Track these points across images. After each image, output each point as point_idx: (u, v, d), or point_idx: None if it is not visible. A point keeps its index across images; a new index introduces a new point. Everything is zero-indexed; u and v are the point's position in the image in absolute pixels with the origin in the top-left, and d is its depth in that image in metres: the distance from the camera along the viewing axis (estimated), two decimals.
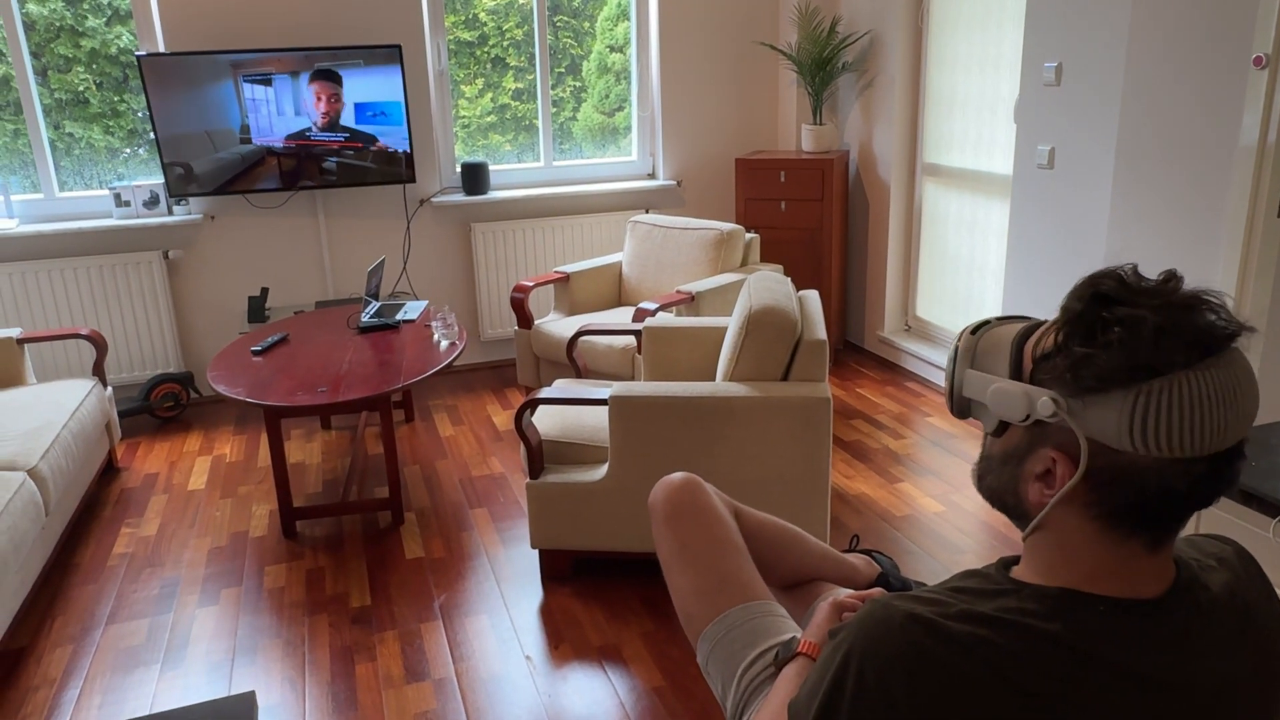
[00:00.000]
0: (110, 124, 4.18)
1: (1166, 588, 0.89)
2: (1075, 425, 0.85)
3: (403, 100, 4.34)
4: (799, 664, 1.15)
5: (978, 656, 0.83)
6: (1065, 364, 0.85)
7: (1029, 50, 3.52)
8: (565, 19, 4.83)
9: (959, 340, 0.99)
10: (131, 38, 4.20)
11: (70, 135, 4.22)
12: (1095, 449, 0.85)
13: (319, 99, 4.23)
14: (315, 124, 4.27)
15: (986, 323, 0.99)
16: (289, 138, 4.28)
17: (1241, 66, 2.71)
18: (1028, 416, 0.88)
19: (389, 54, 4.27)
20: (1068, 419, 0.85)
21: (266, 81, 4.16)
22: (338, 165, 4.37)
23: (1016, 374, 0.91)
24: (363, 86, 4.29)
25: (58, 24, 4.00)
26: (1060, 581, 0.89)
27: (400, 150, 4.40)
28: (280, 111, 4.22)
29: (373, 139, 4.36)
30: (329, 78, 4.21)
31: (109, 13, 4.11)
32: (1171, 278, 0.85)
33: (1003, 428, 0.93)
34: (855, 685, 0.86)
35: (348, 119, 4.31)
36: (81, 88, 4.08)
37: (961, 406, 0.98)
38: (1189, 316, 0.82)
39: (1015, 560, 0.97)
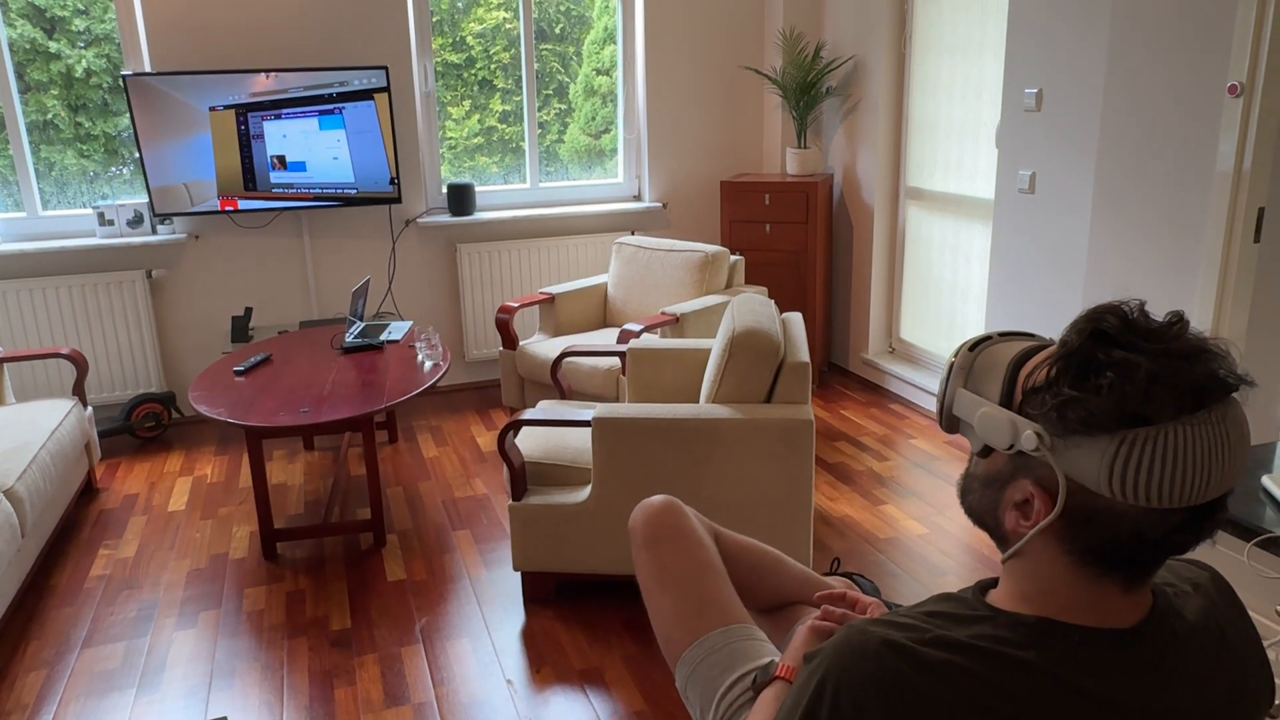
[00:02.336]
0: (84, 148, 4.17)
1: (1142, 617, 0.89)
2: (1055, 464, 0.85)
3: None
4: (777, 688, 1.15)
5: (952, 683, 0.83)
6: (1053, 402, 0.84)
7: (1010, 76, 3.57)
8: (551, 47, 4.86)
9: (956, 355, 0.97)
10: (97, 60, 4.19)
11: (46, 160, 4.20)
12: (1073, 488, 0.84)
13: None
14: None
15: (988, 338, 0.97)
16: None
17: (1217, 94, 2.75)
18: (1011, 446, 0.88)
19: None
20: (1049, 456, 0.85)
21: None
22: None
23: (1008, 400, 0.90)
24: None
25: (28, 46, 3.99)
26: (1036, 610, 0.89)
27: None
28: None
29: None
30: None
31: (89, 37, 4.10)
32: (1178, 320, 0.83)
33: (988, 450, 0.93)
34: (830, 711, 0.86)
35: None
36: (50, 114, 4.07)
37: (950, 423, 0.98)
38: (1186, 367, 0.80)
39: (992, 583, 0.97)
